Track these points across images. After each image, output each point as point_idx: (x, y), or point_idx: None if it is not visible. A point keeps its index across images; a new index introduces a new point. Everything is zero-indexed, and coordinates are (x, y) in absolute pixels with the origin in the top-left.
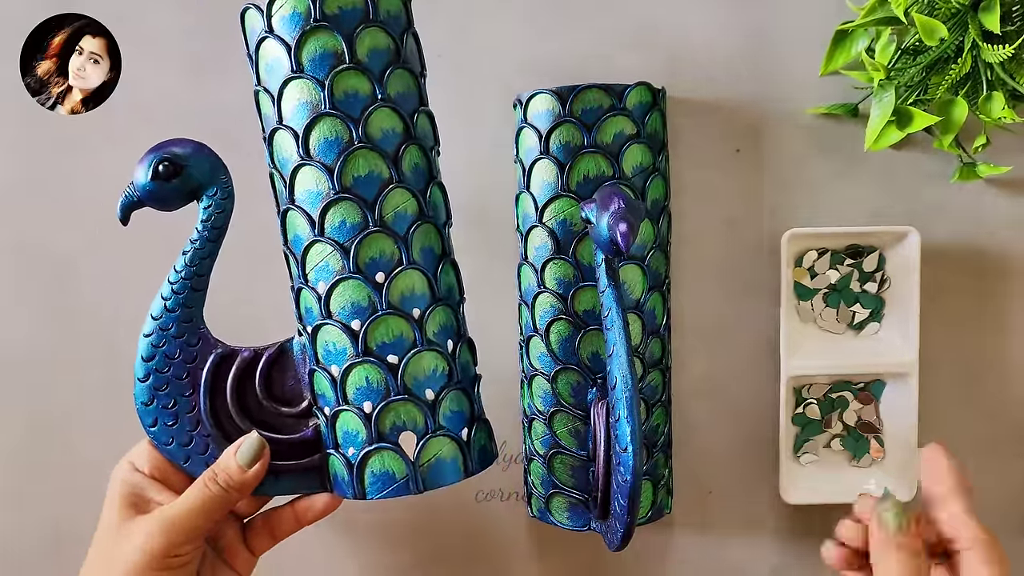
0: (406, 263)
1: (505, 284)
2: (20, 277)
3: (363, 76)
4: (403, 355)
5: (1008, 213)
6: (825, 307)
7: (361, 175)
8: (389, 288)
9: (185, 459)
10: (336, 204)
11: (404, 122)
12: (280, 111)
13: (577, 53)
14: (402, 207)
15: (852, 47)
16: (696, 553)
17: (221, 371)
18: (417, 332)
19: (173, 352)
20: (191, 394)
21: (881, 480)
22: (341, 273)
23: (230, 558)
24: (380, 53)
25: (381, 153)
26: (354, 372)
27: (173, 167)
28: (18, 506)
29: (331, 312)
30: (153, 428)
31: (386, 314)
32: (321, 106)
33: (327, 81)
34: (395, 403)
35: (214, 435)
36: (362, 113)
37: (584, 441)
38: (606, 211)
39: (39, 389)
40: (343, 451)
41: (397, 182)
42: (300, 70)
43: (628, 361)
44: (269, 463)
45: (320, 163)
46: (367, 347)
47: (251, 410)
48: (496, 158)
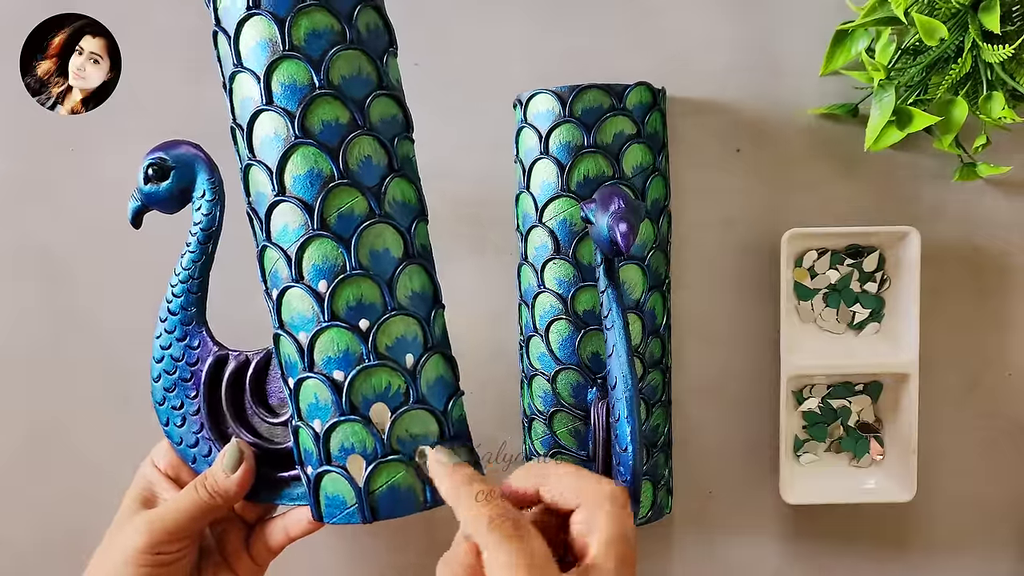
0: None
1: (505, 284)
2: (20, 277)
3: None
4: (351, 371)
5: (1008, 213)
6: (825, 307)
7: (301, 173)
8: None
9: (192, 460)
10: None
11: (350, 112)
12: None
13: (577, 53)
14: (348, 207)
15: (852, 47)
16: (696, 553)
17: (216, 375)
18: (365, 346)
19: (178, 354)
20: (195, 396)
21: (881, 480)
22: (287, 282)
23: (233, 562)
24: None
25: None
26: (304, 386)
27: (160, 170)
28: (18, 507)
29: (283, 323)
30: (167, 427)
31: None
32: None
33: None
34: (343, 423)
35: (214, 439)
36: (299, 104)
37: (584, 441)
38: (606, 211)
39: (39, 390)
40: (339, 463)
41: (342, 180)
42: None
43: (628, 361)
44: (264, 471)
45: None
46: (312, 361)
47: (239, 416)
48: (496, 158)
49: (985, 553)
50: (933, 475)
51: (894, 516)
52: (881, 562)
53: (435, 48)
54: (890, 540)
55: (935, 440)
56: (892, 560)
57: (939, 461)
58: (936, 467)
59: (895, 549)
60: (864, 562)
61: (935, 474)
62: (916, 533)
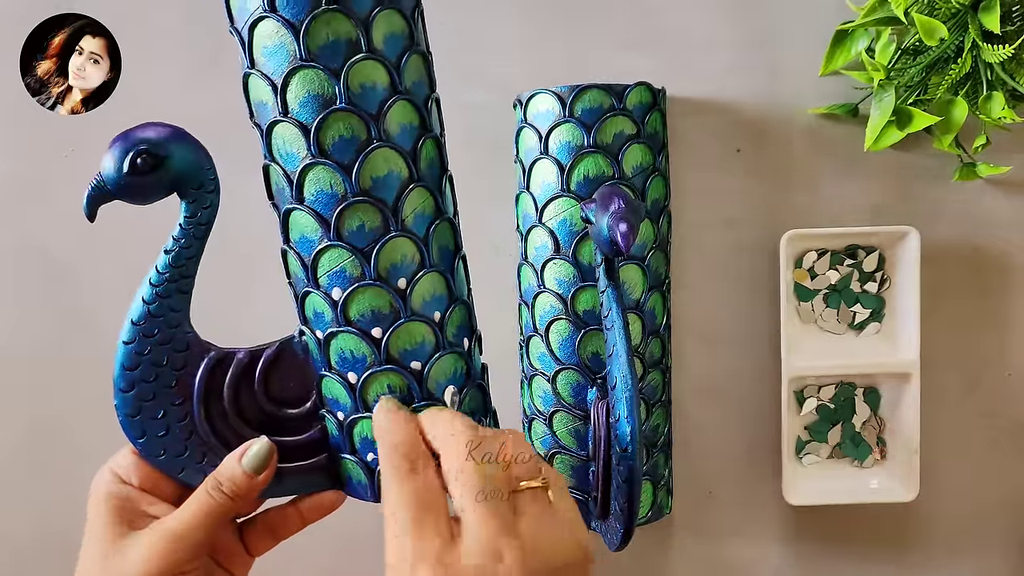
0: (428, 266)
1: (505, 284)
2: (20, 277)
3: (380, 65)
4: (426, 360)
5: (1008, 213)
6: (826, 308)
7: (380, 175)
8: (411, 294)
9: (180, 470)
10: (353, 207)
11: (420, 114)
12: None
13: (577, 53)
14: (420, 207)
15: (852, 47)
16: (696, 553)
17: (216, 376)
18: (439, 335)
19: (160, 359)
20: (182, 403)
21: (884, 480)
22: (360, 280)
23: (225, 560)
24: (396, 38)
25: (399, 151)
26: (375, 381)
27: (153, 159)
28: (19, 503)
29: (349, 319)
30: (141, 440)
31: (409, 321)
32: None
33: (343, 72)
34: (418, 408)
35: (212, 443)
36: (380, 107)
37: (584, 441)
38: (606, 211)
39: (39, 389)
40: (361, 456)
41: (417, 181)
42: (310, 58)
43: (628, 361)
44: (279, 467)
45: (335, 162)
46: (389, 355)
47: (249, 414)
48: (496, 158)
49: (984, 553)
50: (933, 475)
51: (893, 516)
52: (880, 562)
53: (434, 48)
54: (888, 540)
55: (935, 440)
56: (891, 560)
57: (939, 461)
58: (936, 467)
59: (894, 549)
60: (864, 562)
61: (935, 474)
62: (915, 533)
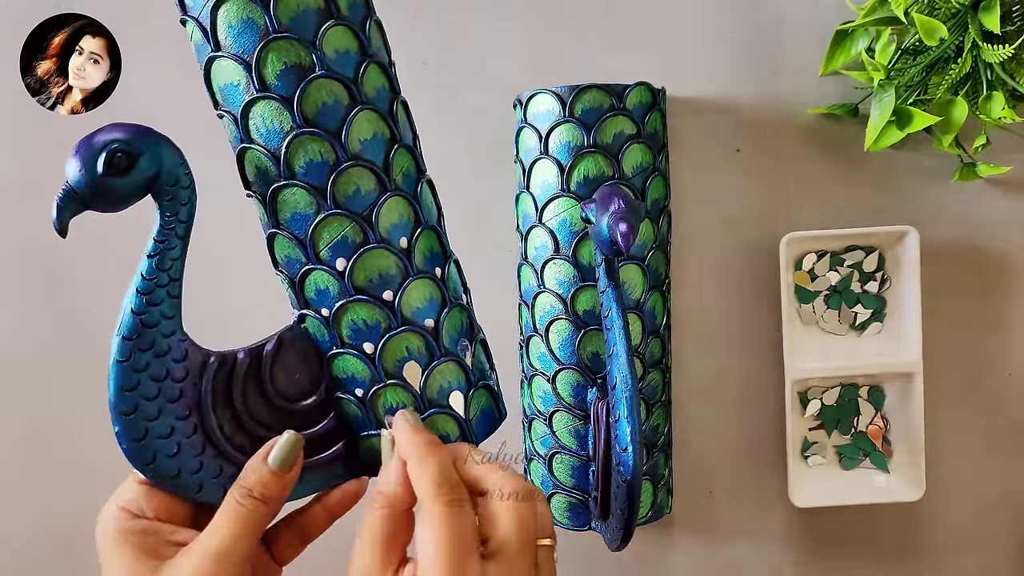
0: (422, 223)
1: (505, 284)
2: (20, 277)
3: (350, 31)
4: (436, 316)
5: (1008, 213)
6: (827, 309)
7: (367, 138)
8: (415, 251)
9: (198, 488)
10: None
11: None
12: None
13: (577, 53)
14: (406, 167)
15: (852, 47)
16: (696, 553)
17: (220, 380)
18: (443, 289)
19: (160, 373)
20: (188, 415)
21: (888, 480)
22: (364, 245)
23: (257, 575)
24: (357, 6)
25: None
26: (393, 345)
27: (128, 157)
28: (18, 502)
29: (357, 287)
30: (151, 465)
31: (417, 278)
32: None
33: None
34: (439, 366)
35: (228, 452)
36: (356, 72)
37: (584, 441)
38: (606, 211)
39: (39, 389)
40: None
41: (399, 142)
42: (283, 29)
43: (628, 361)
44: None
45: (324, 129)
46: (403, 316)
47: (261, 415)
48: (496, 158)
49: (985, 552)
50: (934, 474)
51: (893, 515)
52: (880, 561)
53: (435, 48)
54: (888, 539)
55: (936, 440)
56: (890, 559)
57: (941, 461)
58: (938, 466)
59: (893, 548)
60: (863, 560)
61: (936, 473)
62: (915, 532)
